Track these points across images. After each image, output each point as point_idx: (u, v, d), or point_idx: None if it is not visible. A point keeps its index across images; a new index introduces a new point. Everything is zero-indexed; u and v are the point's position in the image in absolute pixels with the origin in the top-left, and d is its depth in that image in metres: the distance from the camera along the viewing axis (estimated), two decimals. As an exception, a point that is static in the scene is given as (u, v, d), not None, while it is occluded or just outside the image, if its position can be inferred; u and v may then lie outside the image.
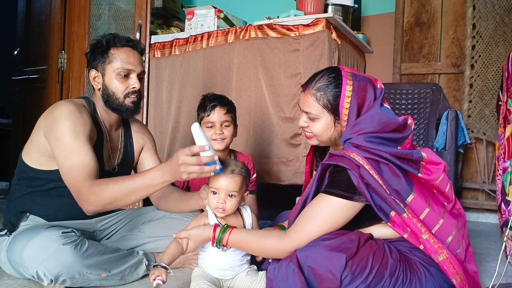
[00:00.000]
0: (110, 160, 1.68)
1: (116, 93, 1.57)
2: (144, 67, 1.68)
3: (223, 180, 1.36)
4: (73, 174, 1.42)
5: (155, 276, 1.23)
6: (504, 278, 1.57)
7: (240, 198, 1.40)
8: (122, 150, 1.73)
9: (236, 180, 1.37)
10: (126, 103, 1.58)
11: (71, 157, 1.43)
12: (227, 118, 1.91)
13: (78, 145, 1.44)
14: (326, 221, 1.27)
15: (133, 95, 1.58)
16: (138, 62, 1.60)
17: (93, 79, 1.60)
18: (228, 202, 1.38)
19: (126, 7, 2.90)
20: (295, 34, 2.48)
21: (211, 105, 1.89)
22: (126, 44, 1.58)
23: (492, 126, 2.90)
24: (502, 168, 2.07)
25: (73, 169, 1.42)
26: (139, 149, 1.80)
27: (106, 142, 1.64)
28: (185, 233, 1.37)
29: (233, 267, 1.41)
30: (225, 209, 1.38)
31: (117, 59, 1.55)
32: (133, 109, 1.61)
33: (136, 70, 1.58)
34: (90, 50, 1.61)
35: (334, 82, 1.33)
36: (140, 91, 1.61)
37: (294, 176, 2.46)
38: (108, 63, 1.56)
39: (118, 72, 1.55)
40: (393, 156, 1.28)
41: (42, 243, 1.34)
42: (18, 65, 3.57)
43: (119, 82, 1.56)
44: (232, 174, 1.38)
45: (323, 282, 1.17)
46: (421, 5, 3.16)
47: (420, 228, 1.25)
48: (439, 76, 3.12)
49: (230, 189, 1.37)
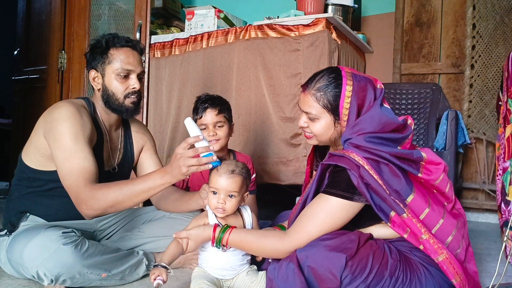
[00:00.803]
0: (110, 160, 1.68)
1: (116, 93, 1.57)
2: (144, 67, 1.68)
3: (223, 180, 1.37)
4: (72, 177, 1.41)
5: (155, 276, 1.23)
6: (504, 278, 1.56)
7: (240, 199, 1.40)
8: (122, 150, 1.73)
9: (236, 181, 1.37)
10: (126, 104, 1.58)
11: (70, 160, 1.42)
12: (219, 118, 1.90)
13: (77, 148, 1.44)
14: (326, 221, 1.27)
15: (133, 96, 1.58)
16: (138, 62, 1.60)
17: (93, 80, 1.60)
18: (228, 203, 1.38)
19: (126, 7, 2.90)
20: (295, 34, 2.48)
21: (203, 107, 1.90)
22: (126, 44, 1.58)
23: (492, 126, 2.90)
24: (502, 168, 2.07)
25: (73, 172, 1.42)
26: (139, 149, 1.80)
27: (106, 143, 1.64)
28: (185, 233, 1.37)
29: (233, 267, 1.41)
30: (225, 209, 1.38)
31: (117, 59, 1.55)
32: (133, 109, 1.61)
33: (136, 70, 1.58)
34: (90, 50, 1.60)
35: (334, 82, 1.33)
36: (140, 91, 1.61)
37: (294, 176, 2.46)
38: (107, 64, 1.56)
39: (118, 73, 1.55)
40: (393, 156, 1.28)
41: (42, 243, 1.34)
42: (18, 65, 3.57)
43: (119, 82, 1.56)
44: (232, 174, 1.37)
45: (323, 282, 1.17)
46: (421, 5, 3.16)
47: (420, 228, 1.25)
48: (439, 76, 3.12)
49: (230, 189, 1.37)
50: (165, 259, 1.31)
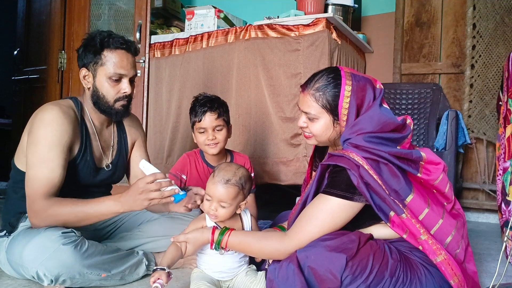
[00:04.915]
0: (102, 158, 1.66)
1: (107, 96, 1.54)
2: (137, 69, 1.63)
3: (216, 189, 1.34)
4: (33, 185, 1.41)
5: (154, 279, 1.22)
6: (504, 278, 1.56)
7: (233, 208, 1.38)
8: (116, 146, 1.71)
9: (229, 192, 1.34)
10: (116, 107, 1.56)
11: (37, 168, 1.42)
12: (218, 122, 1.88)
13: (49, 156, 1.42)
14: (326, 221, 1.26)
15: (123, 100, 1.56)
16: (131, 65, 1.56)
17: (83, 78, 1.57)
18: (220, 210, 1.36)
19: (126, 7, 2.90)
20: (295, 34, 2.48)
21: (202, 110, 1.86)
22: (120, 46, 1.53)
23: (492, 126, 2.90)
24: (503, 168, 2.07)
25: (35, 180, 1.41)
26: (132, 144, 1.78)
27: (95, 142, 1.62)
28: (183, 237, 1.36)
29: (231, 269, 1.41)
30: (217, 216, 1.37)
31: (110, 62, 1.51)
32: (123, 112, 1.59)
33: (129, 74, 1.55)
34: (83, 46, 1.56)
35: (333, 82, 1.33)
36: (131, 95, 1.58)
37: (294, 176, 2.45)
38: (100, 65, 1.52)
39: (110, 76, 1.52)
40: (392, 156, 1.28)
41: (42, 243, 1.34)
42: (18, 65, 3.57)
43: (110, 86, 1.53)
44: (226, 185, 1.34)
45: (323, 283, 1.17)
46: (421, 5, 3.16)
47: (419, 229, 1.25)
48: (439, 76, 3.12)
49: (221, 199, 1.34)
50: (164, 262, 1.30)
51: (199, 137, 1.91)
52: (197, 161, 2.00)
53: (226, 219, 1.40)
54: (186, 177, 1.97)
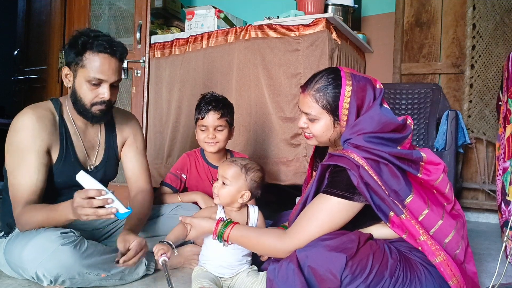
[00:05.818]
0: (87, 159, 1.62)
1: (84, 99, 1.50)
2: (121, 74, 1.55)
3: (222, 165, 1.47)
4: (13, 192, 1.44)
5: (161, 253, 1.27)
6: (504, 278, 1.56)
7: (234, 190, 1.43)
8: (103, 145, 1.67)
9: (231, 168, 1.44)
10: (93, 111, 1.51)
11: (15, 175, 1.44)
12: (220, 122, 1.89)
13: (24, 163, 1.43)
14: (326, 221, 1.27)
15: (100, 105, 1.51)
16: (113, 71, 1.49)
17: (65, 76, 1.53)
18: (221, 189, 1.44)
19: (126, 7, 2.90)
20: (295, 34, 2.48)
21: (206, 108, 1.88)
22: (103, 50, 1.45)
23: (492, 126, 2.90)
24: (502, 168, 2.07)
25: (13, 187, 1.44)
26: (122, 142, 1.73)
27: (78, 142, 1.58)
28: (189, 220, 1.41)
29: (231, 265, 1.42)
30: (218, 195, 1.45)
31: (90, 65, 1.45)
32: (100, 116, 1.54)
33: (109, 80, 1.48)
34: (68, 44, 1.51)
35: (333, 82, 1.33)
36: (110, 100, 1.52)
37: (294, 176, 2.46)
38: (80, 67, 1.47)
39: (88, 80, 1.46)
40: (392, 156, 1.28)
41: (41, 244, 1.34)
42: (18, 65, 3.57)
43: (88, 89, 1.48)
44: (232, 163, 1.45)
45: (323, 282, 1.17)
46: (421, 5, 3.16)
47: (418, 229, 1.25)
48: (439, 76, 3.12)
49: (223, 174, 1.44)
50: (170, 237, 1.36)
51: (199, 134, 1.93)
52: (197, 160, 2.01)
53: (226, 201, 1.45)
54: (186, 177, 1.99)
